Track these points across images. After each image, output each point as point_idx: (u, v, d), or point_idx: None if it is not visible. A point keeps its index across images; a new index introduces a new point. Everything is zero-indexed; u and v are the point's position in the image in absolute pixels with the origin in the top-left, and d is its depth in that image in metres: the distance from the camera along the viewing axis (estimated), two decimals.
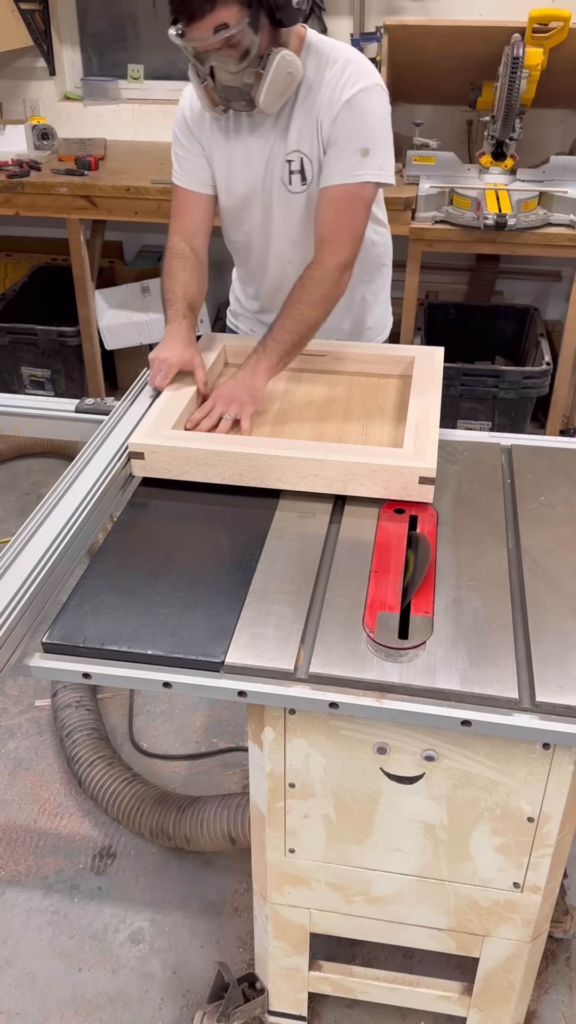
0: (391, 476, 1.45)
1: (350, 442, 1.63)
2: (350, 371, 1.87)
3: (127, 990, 1.79)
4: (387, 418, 1.70)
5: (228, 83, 1.62)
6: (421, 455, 1.46)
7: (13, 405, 1.89)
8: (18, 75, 3.88)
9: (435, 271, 3.83)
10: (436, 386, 1.70)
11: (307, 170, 1.76)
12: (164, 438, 1.54)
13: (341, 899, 1.46)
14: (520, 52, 2.78)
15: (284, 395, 1.79)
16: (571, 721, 1.13)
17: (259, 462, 1.49)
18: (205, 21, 1.51)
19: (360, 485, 1.47)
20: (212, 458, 1.50)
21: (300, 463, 1.47)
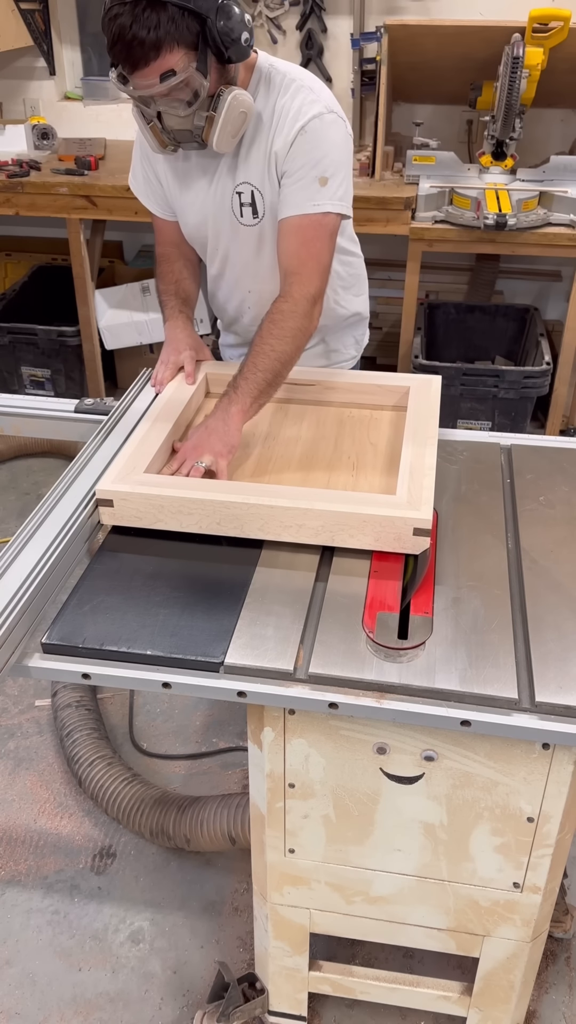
0: (383, 527, 1.33)
1: (339, 486, 1.52)
2: (340, 402, 1.76)
3: (127, 990, 1.79)
4: (379, 456, 1.59)
5: (178, 127, 1.54)
6: (415, 503, 1.35)
7: (13, 405, 1.89)
8: (18, 75, 3.87)
9: (435, 271, 3.83)
10: (432, 422, 1.58)
11: (258, 203, 1.68)
12: (135, 483, 1.41)
13: (341, 899, 1.46)
14: (520, 52, 2.78)
15: (269, 430, 1.68)
16: (571, 721, 1.13)
17: (238, 510, 1.36)
18: (150, 68, 1.41)
19: (349, 536, 1.35)
20: (187, 506, 1.37)
21: (283, 512, 1.35)
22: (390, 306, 3.86)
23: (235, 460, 1.54)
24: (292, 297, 1.60)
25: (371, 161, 3.30)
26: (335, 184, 1.60)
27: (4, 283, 4.24)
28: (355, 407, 1.75)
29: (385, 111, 3.24)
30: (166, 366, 1.77)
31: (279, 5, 3.51)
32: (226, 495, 1.38)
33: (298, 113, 1.58)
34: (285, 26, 3.57)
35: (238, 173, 1.66)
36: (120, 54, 1.41)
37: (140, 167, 1.82)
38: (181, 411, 1.65)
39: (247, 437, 1.61)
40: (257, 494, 1.38)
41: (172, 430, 1.60)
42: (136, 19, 1.36)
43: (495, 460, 1.66)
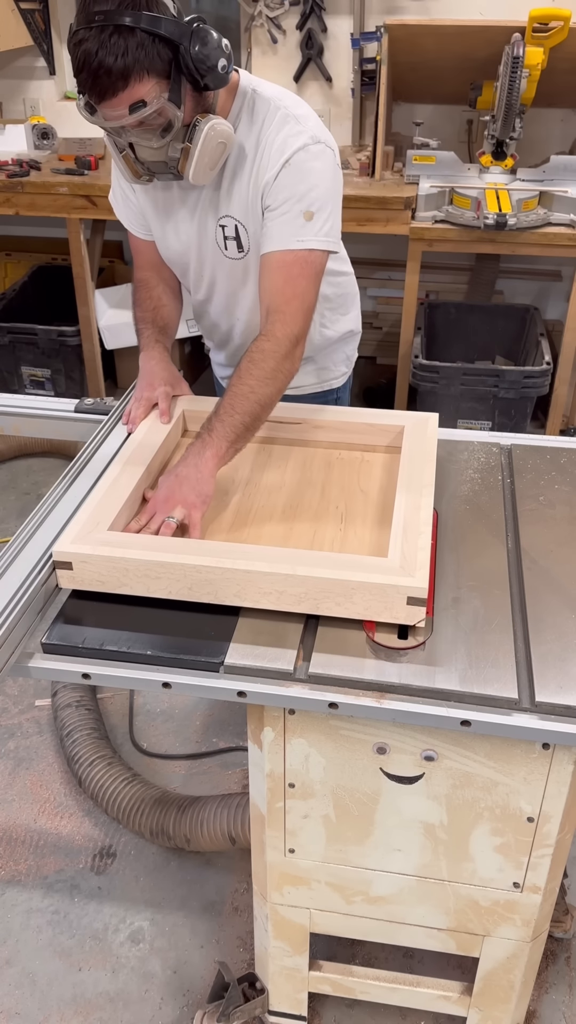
0: (372, 595, 1.20)
1: (326, 541, 1.39)
2: (329, 442, 1.62)
3: (127, 990, 1.79)
4: (371, 506, 1.47)
5: (151, 158, 1.45)
6: (409, 568, 1.22)
7: (13, 405, 1.89)
8: (18, 75, 3.87)
9: (435, 271, 3.83)
10: (428, 468, 1.44)
11: (242, 238, 1.60)
12: (97, 544, 1.27)
13: (341, 899, 1.46)
14: (520, 51, 2.78)
15: (250, 475, 1.54)
16: (571, 721, 1.13)
17: (211, 575, 1.22)
18: (118, 99, 1.31)
19: (335, 604, 1.21)
20: (155, 570, 1.24)
21: (261, 578, 1.21)
22: (390, 306, 3.86)
23: (211, 510, 1.42)
24: (274, 336, 1.49)
25: (371, 161, 3.30)
26: (321, 219, 1.52)
27: (4, 283, 4.24)
28: (345, 448, 1.62)
29: (385, 111, 3.24)
30: (139, 403, 1.65)
31: (279, 5, 3.51)
32: (198, 558, 1.23)
33: (283, 145, 1.49)
34: (285, 26, 3.57)
35: (220, 206, 1.58)
36: (86, 83, 1.31)
37: (118, 185, 1.73)
38: (154, 454, 1.52)
39: (225, 483, 1.49)
40: (232, 556, 1.23)
41: (143, 476, 1.46)
42: (102, 45, 1.26)
43: (495, 460, 1.66)
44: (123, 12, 1.27)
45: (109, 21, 1.26)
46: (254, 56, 3.64)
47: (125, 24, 1.27)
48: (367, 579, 1.19)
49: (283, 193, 1.50)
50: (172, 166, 1.46)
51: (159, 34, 1.29)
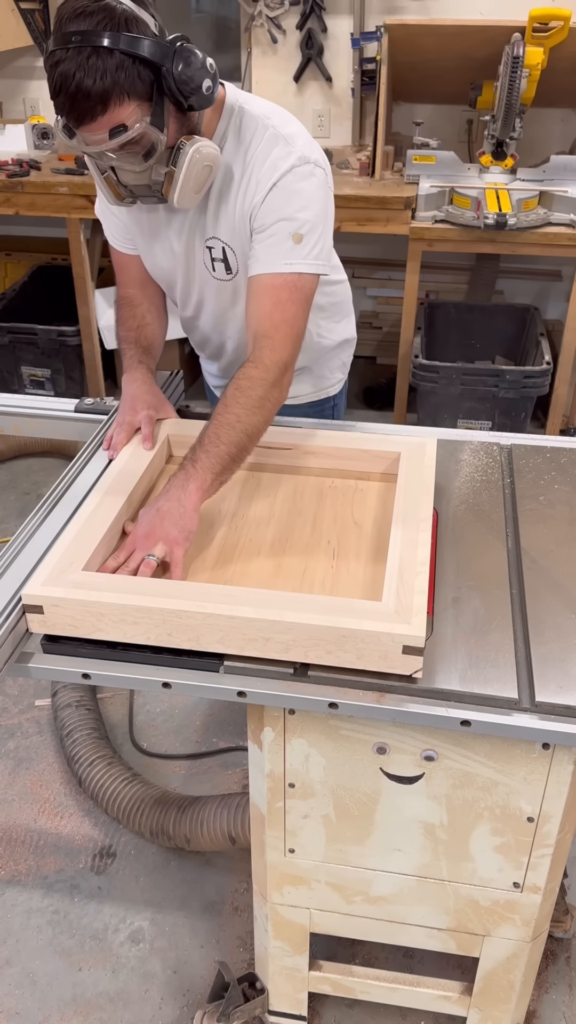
0: (365, 643, 1.12)
1: (316, 578, 1.31)
2: (321, 469, 1.54)
3: (127, 990, 1.79)
4: (365, 540, 1.39)
5: (134, 182, 1.40)
6: (405, 613, 1.14)
7: (13, 405, 1.89)
8: (18, 74, 3.88)
9: (435, 270, 3.83)
10: (426, 499, 1.37)
11: (230, 260, 1.56)
12: (70, 586, 1.19)
13: (341, 899, 1.46)
14: (520, 51, 2.78)
15: (236, 507, 1.46)
16: (571, 721, 1.13)
17: (192, 620, 1.15)
18: (97, 123, 1.25)
19: (325, 652, 1.14)
20: (131, 614, 1.15)
21: (246, 624, 1.13)
22: (390, 306, 3.86)
23: (195, 545, 1.34)
24: (263, 364, 1.43)
25: (371, 161, 3.30)
26: (311, 242, 1.46)
27: (4, 283, 4.24)
28: (338, 475, 1.54)
29: (385, 111, 3.24)
30: (121, 428, 1.56)
31: (279, 5, 3.51)
32: (178, 602, 1.15)
33: (272, 167, 1.43)
34: (285, 26, 3.57)
35: (207, 228, 1.54)
36: (63, 106, 1.24)
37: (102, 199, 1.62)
38: (136, 482, 1.44)
39: (211, 515, 1.42)
40: (215, 600, 1.16)
41: (123, 508, 1.38)
42: (79, 67, 1.20)
43: (495, 460, 1.66)
44: (101, 33, 1.21)
45: (86, 42, 1.20)
46: (254, 56, 3.64)
47: (103, 45, 1.20)
48: (359, 626, 1.11)
49: (271, 216, 1.45)
50: (156, 190, 1.41)
51: (139, 55, 1.23)
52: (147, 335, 1.70)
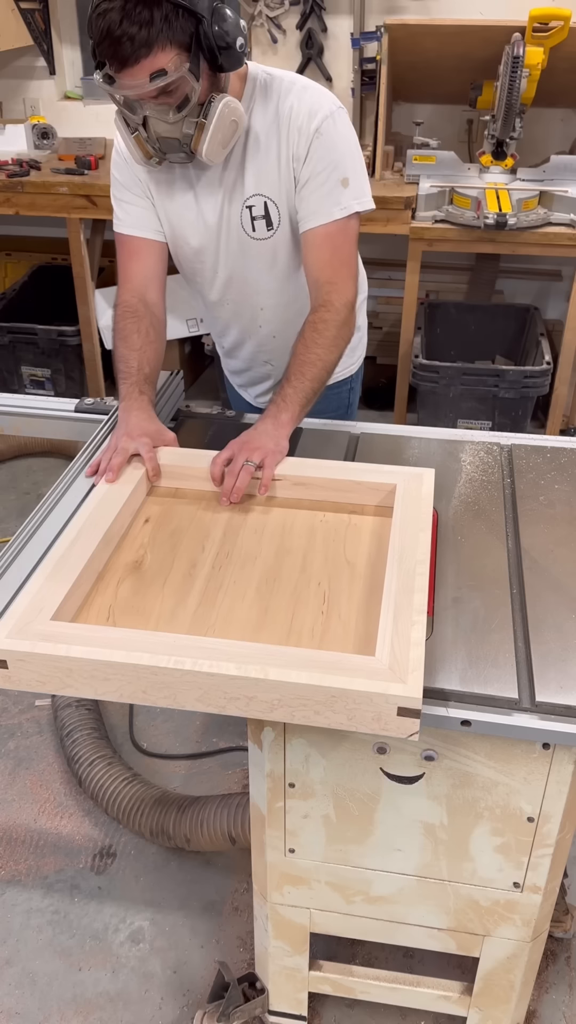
0: (357, 704, 1.04)
1: (305, 628, 1.20)
2: (312, 501, 1.46)
3: (127, 990, 1.79)
4: (358, 581, 1.29)
5: (165, 134, 1.47)
6: (400, 670, 1.05)
7: (13, 405, 1.89)
8: (18, 74, 3.87)
9: (435, 270, 3.83)
10: (423, 536, 1.29)
11: (272, 214, 1.62)
12: (36, 639, 1.10)
13: (341, 899, 1.46)
14: (520, 51, 2.78)
15: (221, 544, 1.37)
16: (571, 721, 1.13)
17: (169, 678, 1.06)
18: (140, 67, 1.33)
19: (313, 713, 1.06)
20: (103, 671, 1.07)
21: (227, 682, 1.05)
22: (390, 306, 3.86)
23: (177, 587, 1.28)
24: (333, 306, 1.57)
25: (371, 161, 3.30)
26: (356, 182, 1.58)
27: (4, 283, 4.24)
28: (330, 508, 1.45)
29: (385, 111, 3.24)
30: (116, 452, 1.48)
31: (279, 5, 3.51)
32: (153, 657, 1.06)
33: (310, 114, 1.53)
34: (285, 26, 3.57)
35: (247, 186, 1.60)
36: (108, 51, 1.33)
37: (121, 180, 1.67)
38: (113, 519, 1.34)
39: (194, 553, 1.35)
40: (193, 655, 1.07)
41: (99, 548, 1.29)
42: (127, 15, 1.29)
43: (495, 460, 1.66)
44: None
45: None
46: (254, 56, 3.64)
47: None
48: (350, 686, 1.03)
49: (319, 164, 1.55)
50: (185, 143, 1.48)
51: (183, 6, 1.31)
52: (150, 357, 1.64)
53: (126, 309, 1.67)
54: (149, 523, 1.43)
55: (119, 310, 1.68)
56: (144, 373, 1.61)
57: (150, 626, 1.21)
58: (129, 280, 1.70)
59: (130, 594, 1.27)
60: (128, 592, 1.27)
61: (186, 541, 1.38)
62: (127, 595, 1.27)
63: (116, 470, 1.45)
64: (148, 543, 1.38)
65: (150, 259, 1.71)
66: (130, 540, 1.38)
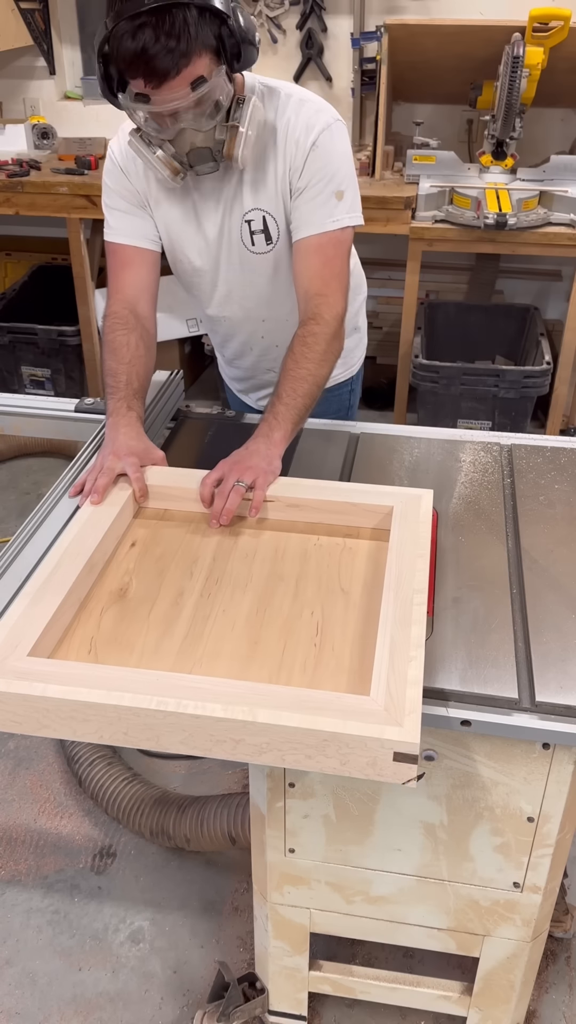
0: (350, 748, 0.98)
1: (296, 662, 1.14)
2: (306, 523, 1.40)
3: (127, 990, 1.79)
4: (352, 612, 1.23)
5: (200, 144, 1.43)
6: (396, 713, 0.99)
7: (13, 405, 1.89)
8: (18, 74, 3.87)
9: (435, 270, 3.83)
10: (421, 562, 1.23)
11: (271, 228, 1.60)
12: (11, 676, 1.04)
13: (341, 899, 1.46)
14: (520, 51, 2.78)
15: (210, 570, 1.31)
16: (571, 721, 1.13)
17: (152, 719, 1.00)
18: (180, 78, 1.30)
19: (304, 757, 1.00)
20: (82, 711, 1.01)
21: (213, 724, 0.99)
22: (390, 306, 3.86)
23: (164, 617, 1.22)
24: (323, 319, 1.53)
25: (371, 161, 3.30)
26: (350, 196, 1.56)
27: (4, 283, 4.24)
28: (324, 531, 1.39)
29: (385, 111, 3.24)
30: (102, 472, 1.41)
31: (279, 4, 3.51)
32: (135, 697, 1.00)
33: (307, 127, 1.51)
34: (285, 26, 3.56)
35: (245, 200, 1.58)
36: (144, 69, 1.29)
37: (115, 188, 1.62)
38: (97, 545, 1.28)
39: (181, 580, 1.29)
40: (177, 694, 1.01)
41: (82, 575, 1.23)
42: (160, 28, 1.26)
43: (495, 460, 1.66)
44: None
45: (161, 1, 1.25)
46: None
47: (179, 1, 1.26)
48: (343, 729, 0.97)
49: (314, 176, 1.53)
50: (217, 151, 1.46)
51: (210, 8, 1.29)
52: (139, 372, 1.58)
53: (116, 320, 1.61)
54: (135, 547, 1.36)
55: (109, 321, 1.62)
56: (133, 388, 1.55)
57: (133, 660, 1.14)
58: (120, 291, 1.65)
59: (113, 625, 1.21)
60: (111, 622, 1.21)
61: (173, 567, 1.32)
62: (110, 626, 1.20)
63: (101, 491, 1.38)
64: (134, 569, 1.31)
65: (142, 269, 1.65)
66: (115, 566, 1.32)
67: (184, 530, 1.40)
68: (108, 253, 1.67)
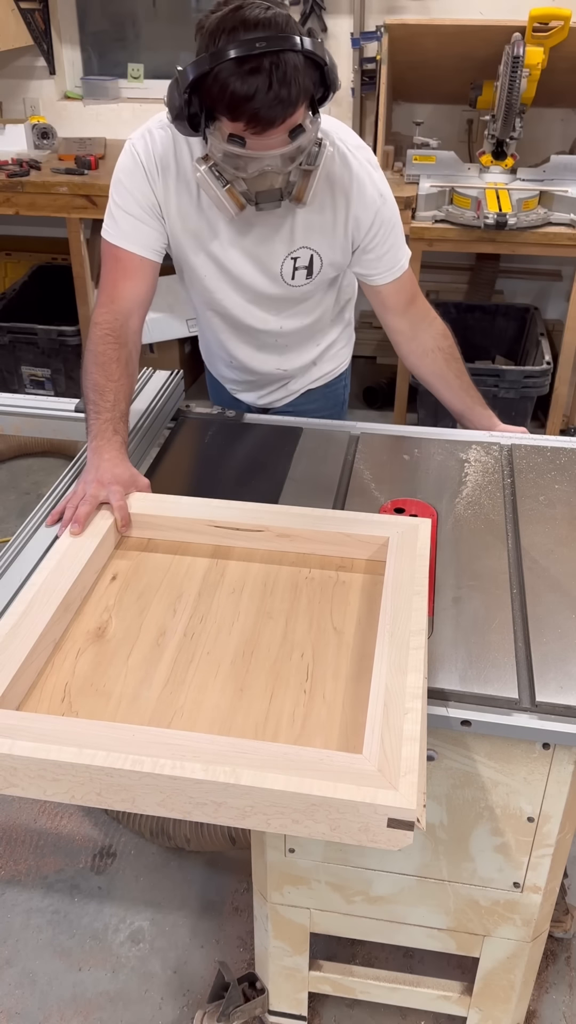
0: (341, 814, 0.89)
1: (284, 711, 1.06)
2: (297, 554, 1.32)
3: (127, 990, 1.79)
4: (345, 654, 1.14)
5: (276, 185, 1.39)
6: (391, 774, 0.90)
7: (13, 405, 1.89)
8: (18, 74, 3.87)
9: (435, 270, 3.83)
10: (419, 600, 1.14)
11: (315, 265, 1.62)
12: None
13: (341, 899, 1.46)
14: (520, 51, 2.78)
15: (195, 606, 1.23)
16: (571, 721, 1.13)
17: (126, 780, 0.92)
18: (284, 126, 1.28)
19: (291, 822, 0.91)
20: (51, 771, 0.93)
21: (192, 786, 0.91)
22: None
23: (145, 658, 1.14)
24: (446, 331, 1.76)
25: None
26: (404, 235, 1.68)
27: (4, 283, 4.24)
28: (316, 563, 1.30)
29: (385, 110, 3.24)
30: (84, 500, 1.32)
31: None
32: (108, 756, 0.92)
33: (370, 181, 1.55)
34: None
35: (296, 236, 1.57)
36: (251, 114, 1.25)
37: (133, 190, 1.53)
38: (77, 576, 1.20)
39: (163, 617, 1.20)
40: (153, 751, 0.92)
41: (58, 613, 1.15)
42: (274, 75, 1.22)
43: (495, 459, 1.66)
44: (286, 36, 1.24)
45: (274, 46, 1.22)
46: None
47: (292, 48, 1.24)
48: (332, 793, 0.88)
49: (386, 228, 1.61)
50: (288, 191, 1.43)
51: (314, 56, 1.27)
52: (126, 394, 1.49)
53: (108, 331, 1.52)
54: (116, 581, 1.27)
55: (100, 330, 1.52)
56: (120, 410, 1.46)
57: (109, 710, 1.06)
58: (116, 300, 1.55)
59: (90, 669, 1.12)
60: (88, 666, 1.12)
61: (156, 602, 1.23)
62: (87, 670, 1.12)
63: (83, 521, 1.29)
64: (113, 605, 1.22)
65: (142, 284, 1.58)
66: (94, 602, 1.23)
67: (168, 561, 1.31)
68: (107, 254, 1.58)
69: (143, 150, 1.52)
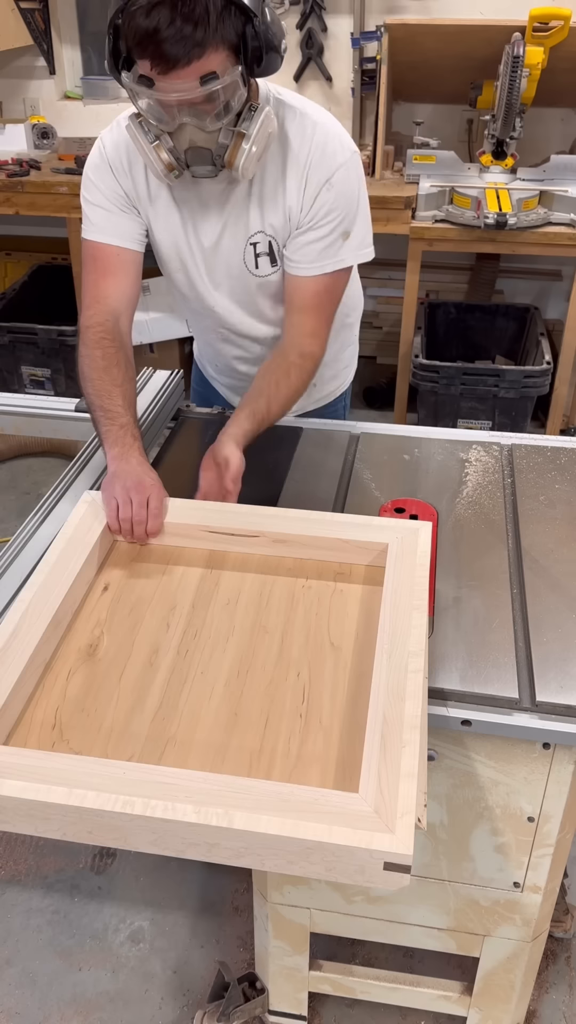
0: (336, 857, 0.87)
1: (280, 738, 1.02)
2: (294, 560, 1.28)
3: (127, 990, 1.79)
4: (342, 673, 1.10)
5: (201, 144, 1.32)
6: (388, 816, 0.88)
7: (13, 405, 1.89)
8: (18, 74, 3.88)
9: (435, 270, 3.83)
10: (419, 617, 1.11)
11: (275, 252, 1.51)
12: None
13: (341, 898, 1.45)
14: (520, 51, 2.78)
15: (188, 621, 1.19)
16: (571, 721, 1.13)
17: (117, 821, 0.90)
18: (190, 68, 1.20)
19: (287, 863, 0.89)
20: (41, 810, 0.91)
21: (184, 829, 0.89)
22: (390, 306, 3.86)
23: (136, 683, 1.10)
24: (313, 358, 1.53)
25: (371, 161, 3.30)
26: (358, 233, 1.50)
27: (4, 283, 4.24)
28: (314, 572, 1.27)
29: (385, 110, 3.24)
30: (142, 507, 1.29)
31: (279, 4, 3.50)
32: (97, 797, 0.89)
33: (322, 162, 1.42)
34: (285, 25, 3.56)
35: (252, 220, 1.49)
36: (153, 50, 1.18)
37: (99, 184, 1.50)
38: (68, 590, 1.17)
39: (156, 633, 1.17)
40: (146, 791, 0.90)
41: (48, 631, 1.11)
42: (179, 11, 1.15)
43: (496, 460, 1.66)
44: None
45: None
46: None
47: None
48: (327, 838, 0.86)
49: (324, 216, 1.46)
50: (218, 155, 1.34)
51: (237, 1, 1.20)
52: (132, 398, 1.46)
53: (103, 333, 1.47)
54: (108, 592, 1.23)
55: (93, 333, 1.47)
56: (132, 414, 1.43)
57: (100, 740, 1.02)
58: (101, 300, 1.51)
59: (82, 692, 1.08)
60: (79, 688, 1.09)
61: (148, 616, 1.19)
62: (77, 692, 1.08)
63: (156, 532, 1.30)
64: (105, 620, 1.19)
65: (125, 279, 1.53)
66: (85, 617, 1.19)
67: (161, 569, 1.28)
68: (86, 254, 1.54)
69: (109, 143, 1.49)
